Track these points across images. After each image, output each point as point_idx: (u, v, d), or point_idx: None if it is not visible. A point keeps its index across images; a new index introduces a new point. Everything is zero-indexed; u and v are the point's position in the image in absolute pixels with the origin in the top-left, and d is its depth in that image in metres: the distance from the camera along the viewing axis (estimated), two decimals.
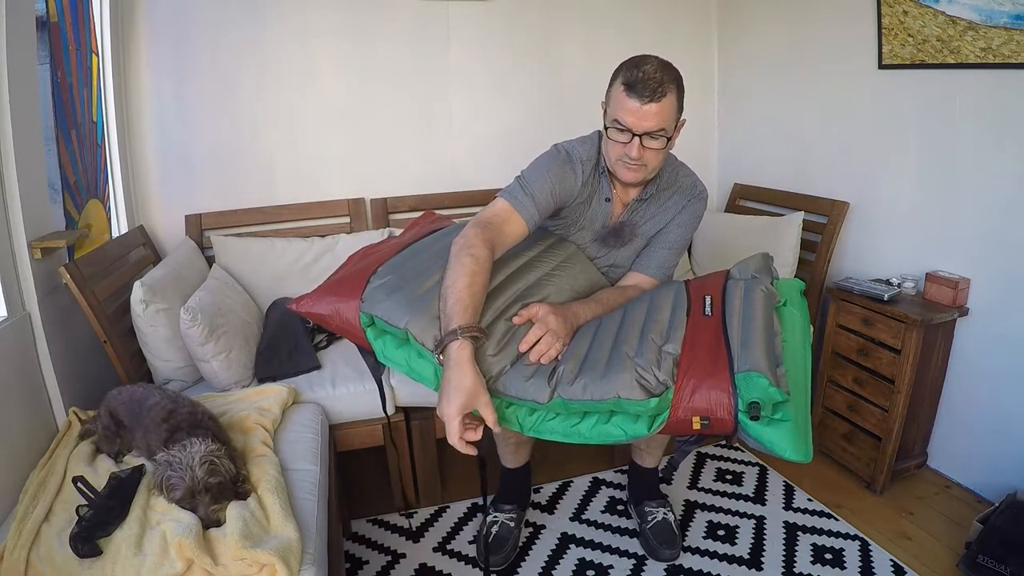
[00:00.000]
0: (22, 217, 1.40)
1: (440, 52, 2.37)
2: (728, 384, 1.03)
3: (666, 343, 1.14)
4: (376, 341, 1.18)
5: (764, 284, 1.28)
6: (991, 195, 1.73)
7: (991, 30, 1.64)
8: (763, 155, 2.54)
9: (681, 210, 1.46)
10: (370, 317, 1.19)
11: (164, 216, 2.17)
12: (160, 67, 2.09)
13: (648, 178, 1.38)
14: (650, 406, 1.06)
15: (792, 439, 1.01)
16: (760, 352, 1.06)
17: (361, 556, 1.68)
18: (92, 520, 1.04)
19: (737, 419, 1.03)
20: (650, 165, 1.32)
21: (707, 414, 1.04)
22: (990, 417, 1.79)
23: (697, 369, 1.07)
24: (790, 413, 1.03)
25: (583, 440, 1.14)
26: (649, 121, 1.24)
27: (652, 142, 1.27)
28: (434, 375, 1.17)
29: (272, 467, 1.23)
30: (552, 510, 1.84)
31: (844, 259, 2.22)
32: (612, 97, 1.30)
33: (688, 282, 1.40)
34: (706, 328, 1.16)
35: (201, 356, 1.60)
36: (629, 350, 1.13)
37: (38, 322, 1.45)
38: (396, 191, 2.39)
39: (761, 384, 1.01)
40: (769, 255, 1.41)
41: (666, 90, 1.24)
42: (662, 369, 1.09)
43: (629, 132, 1.26)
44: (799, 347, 1.18)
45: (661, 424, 1.08)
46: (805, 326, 1.27)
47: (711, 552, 1.66)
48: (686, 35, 2.66)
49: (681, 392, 1.06)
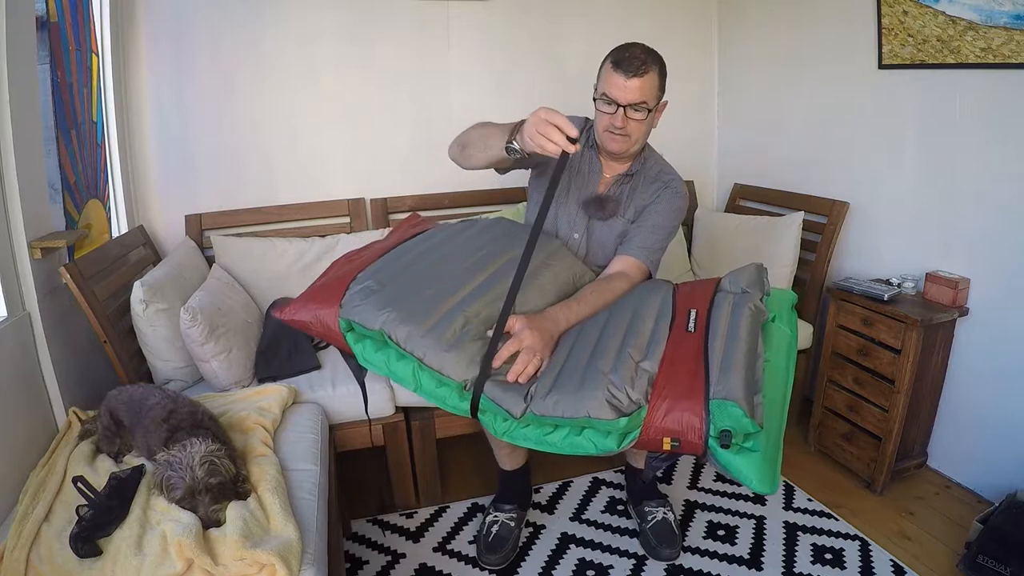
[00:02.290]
0: (22, 217, 1.40)
1: (440, 52, 2.37)
2: (701, 409, 1.02)
3: (644, 359, 1.12)
4: (356, 345, 1.19)
5: (754, 301, 1.26)
6: (991, 195, 1.73)
7: (991, 30, 1.64)
8: (763, 155, 2.54)
9: (658, 197, 1.57)
10: (348, 322, 1.19)
11: (164, 216, 2.17)
12: (160, 67, 2.09)
13: (632, 150, 1.52)
14: (619, 425, 1.05)
15: (759, 470, 1.01)
16: (739, 379, 1.04)
17: (361, 556, 1.68)
18: (92, 520, 1.04)
19: (707, 444, 1.03)
20: (633, 136, 1.47)
21: (678, 436, 1.03)
22: (990, 417, 1.79)
23: (672, 389, 1.06)
24: (761, 443, 1.02)
25: (555, 450, 1.12)
26: (633, 94, 1.40)
27: (635, 114, 1.43)
28: (412, 376, 1.17)
29: (272, 467, 1.23)
30: (552, 510, 1.84)
31: (844, 259, 2.22)
32: (601, 74, 1.46)
33: (677, 288, 1.39)
34: (687, 345, 1.15)
35: (201, 356, 1.60)
36: (605, 365, 1.11)
37: (38, 322, 1.45)
38: (396, 191, 2.39)
39: (735, 414, 1.00)
40: (763, 267, 1.39)
41: (649, 68, 1.40)
42: (635, 388, 1.07)
43: (615, 104, 1.42)
44: (782, 366, 1.17)
45: (631, 441, 1.07)
46: (792, 342, 1.25)
47: (711, 552, 1.66)
48: (686, 35, 2.66)
49: (654, 412, 1.05)
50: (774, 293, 1.38)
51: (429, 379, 1.17)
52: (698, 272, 2.52)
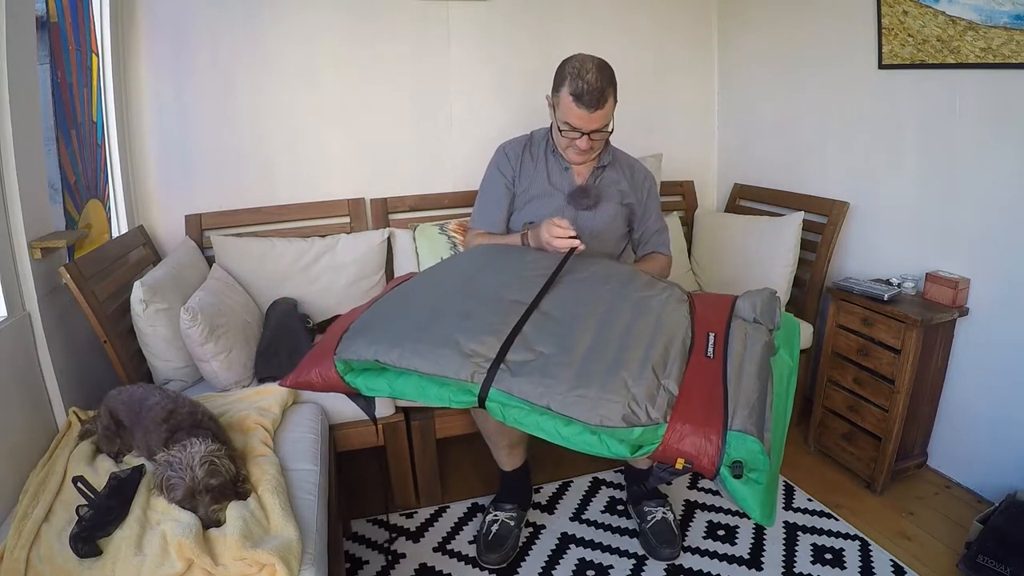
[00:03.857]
0: (22, 217, 1.40)
1: (440, 52, 2.37)
2: (719, 438, 1.03)
3: (667, 377, 1.12)
4: (357, 380, 1.19)
5: (765, 336, 1.25)
6: (991, 195, 1.73)
7: (991, 30, 1.64)
8: (763, 155, 2.54)
9: (632, 176, 1.77)
10: (345, 364, 1.19)
11: (164, 216, 2.17)
12: (160, 67, 2.09)
13: (592, 157, 1.70)
14: (633, 435, 1.05)
15: (761, 501, 1.03)
16: (757, 415, 1.06)
17: (361, 556, 1.68)
18: (92, 520, 1.04)
19: (718, 470, 1.04)
20: (595, 148, 1.65)
21: (692, 459, 1.04)
22: (990, 417, 1.79)
23: (692, 415, 1.06)
24: (765, 476, 1.04)
25: (567, 444, 1.10)
26: (595, 123, 1.55)
27: (598, 135, 1.59)
28: (415, 388, 1.16)
29: (272, 467, 1.24)
30: (552, 510, 1.84)
31: (844, 259, 2.22)
32: (561, 102, 1.57)
33: (693, 306, 1.35)
34: (706, 371, 1.15)
35: (201, 356, 1.60)
36: (628, 376, 1.10)
37: (38, 322, 1.45)
38: (396, 191, 2.39)
39: (753, 449, 1.02)
40: (777, 296, 1.36)
41: (607, 96, 1.53)
42: (656, 407, 1.06)
43: (579, 131, 1.57)
44: (783, 396, 1.17)
45: (645, 454, 1.07)
46: (793, 370, 1.25)
47: (711, 552, 1.66)
48: (686, 35, 2.66)
49: (672, 434, 1.05)
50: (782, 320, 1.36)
51: (431, 384, 1.16)
52: (698, 272, 2.52)
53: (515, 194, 1.76)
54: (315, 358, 1.22)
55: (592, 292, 1.32)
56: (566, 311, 1.24)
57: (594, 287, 1.34)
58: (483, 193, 1.79)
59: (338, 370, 1.18)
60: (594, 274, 1.39)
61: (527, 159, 1.75)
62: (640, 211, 1.78)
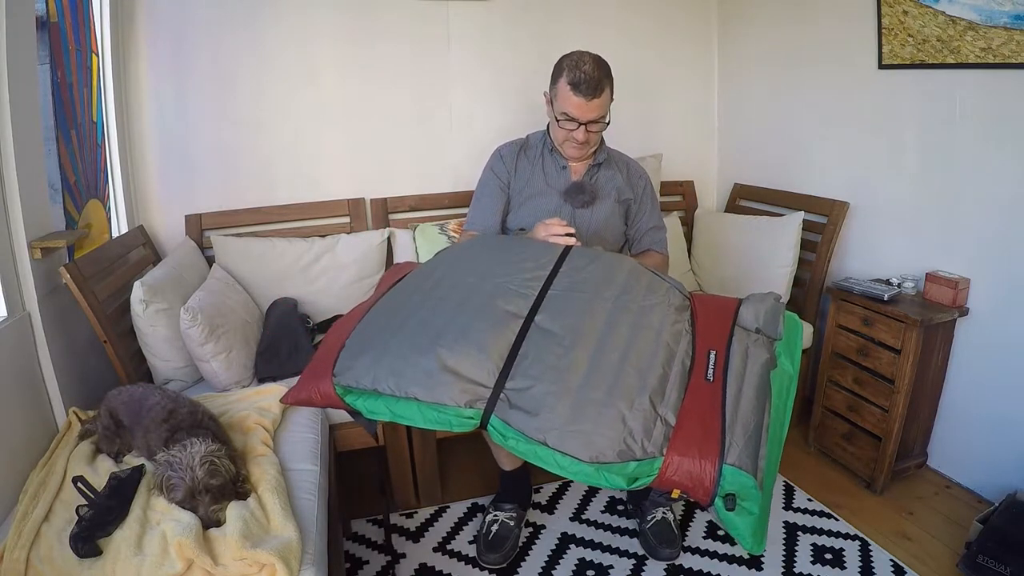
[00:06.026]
0: (22, 217, 1.40)
1: (440, 52, 2.37)
2: (715, 471, 1.02)
3: (664, 406, 1.10)
4: (357, 402, 1.19)
5: (767, 353, 1.22)
6: (991, 195, 1.73)
7: (991, 30, 1.64)
8: (763, 155, 2.54)
9: (627, 173, 1.79)
10: (344, 387, 1.19)
11: (164, 216, 2.17)
12: (160, 67, 2.08)
13: (591, 151, 1.72)
14: (628, 469, 1.04)
15: (753, 530, 1.04)
16: (752, 446, 1.05)
17: (361, 556, 1.68)
18: (92, 520, 1.04)
19: (712, 501, 1.04)
20: (592, 142, 1.68)
21: (687, 491, 1.04)
22: (990, 417, 1.79)
23: (688, 448, 1.05)
24: (757, 506, 1.04)
25: (564, 474, 1.08)
26: (592, 113, 1.58)
27: (594, 127, 1.62)
28: (417, 412, 1.15)
29: (272, 467, 1.24)
30: (552, 510, 1.84)
31: (844, 259, 2.22)
32: (558, 93, 1.59)
33: (695, 310, 1.32)
34: (705, 396, 1.13)
35: (201, 356, 1.60)
36: (625, 407, 1.08)
37: (38, 322, 1.45)
38: (396, 191, 2.39)
39: (746, 484, 1.02)
40: (781, 302, 1.34)
41: (603, 86, 1.56)
42: (652, 440, 1.06)
43: (576, 121, 1.59)
44: (780, 409, 1.15)
45: (641, 486, 1.07)
46: (792, 379, 1.23)
47: (711, 552, 1.66)
48: (686, 35, 2.66)
49: (667, 466, 1.04)
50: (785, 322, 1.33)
51: (431, 410, 1.15)
52: (698, 272, 2.52)
53: (510, 195, 1.78)
54: (314, 375, 1.21)
55: (591, 301, 1.27)
56: (564, 324, 1.20)
57: (593, 294, 1.29)
58: (478, 195, 1.81)
59: (338, 392, 1.18)
60: (593, 273, 1.34)
61: (523, 160, 1.77)
62: (635, 207, 1.79)
